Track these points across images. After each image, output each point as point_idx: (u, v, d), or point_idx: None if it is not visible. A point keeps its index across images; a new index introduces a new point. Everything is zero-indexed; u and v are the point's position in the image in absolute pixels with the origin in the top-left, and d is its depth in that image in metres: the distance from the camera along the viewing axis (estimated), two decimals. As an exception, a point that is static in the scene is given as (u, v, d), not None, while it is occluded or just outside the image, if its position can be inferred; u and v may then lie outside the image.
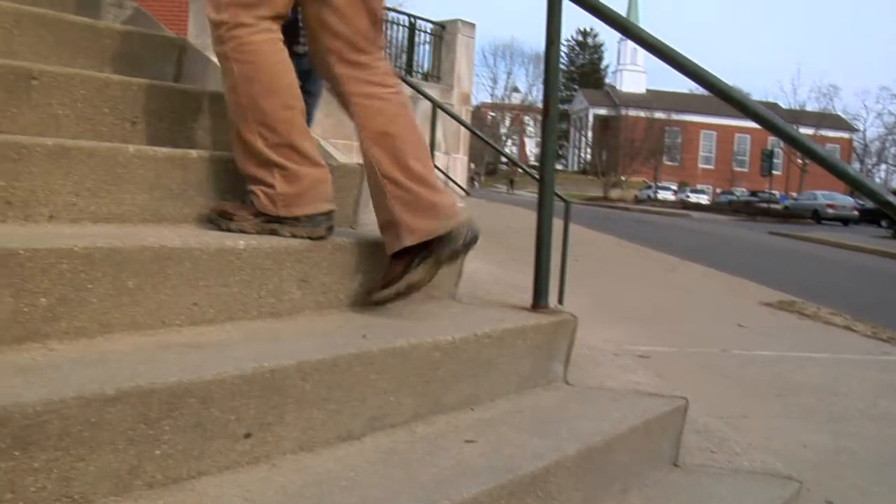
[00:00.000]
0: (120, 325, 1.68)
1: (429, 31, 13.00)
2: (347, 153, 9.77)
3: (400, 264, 2.13)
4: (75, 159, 1.93)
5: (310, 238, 2.08)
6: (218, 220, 2.12)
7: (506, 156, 13.22)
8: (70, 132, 2.26)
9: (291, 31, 9.09)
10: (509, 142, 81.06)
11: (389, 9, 14.92)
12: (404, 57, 13.13)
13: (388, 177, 2.13)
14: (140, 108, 2.43)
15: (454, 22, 12.90)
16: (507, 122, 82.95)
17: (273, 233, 2.07)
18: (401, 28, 13.10)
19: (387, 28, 13.52)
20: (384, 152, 2.14)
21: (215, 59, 2.23)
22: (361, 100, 2.20)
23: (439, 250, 2.11)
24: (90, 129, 2.32)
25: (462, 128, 11.49)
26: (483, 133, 15.02)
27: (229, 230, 2.07)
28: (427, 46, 13.07)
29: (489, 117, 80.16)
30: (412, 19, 13.08)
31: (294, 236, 2.06)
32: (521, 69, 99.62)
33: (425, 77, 12.98)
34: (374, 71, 2.22)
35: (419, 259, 2.11)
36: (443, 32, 12.86)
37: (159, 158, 2.07)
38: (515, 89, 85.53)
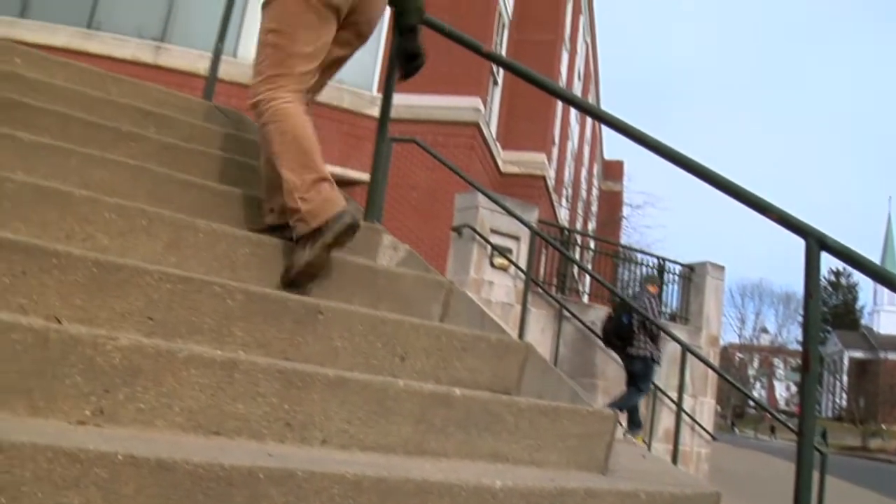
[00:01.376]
0: (380, 552, 1.75)
1: (677, 272, 13.01)
2: (591, 391, 9.77)
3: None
4: (351, 390, 2.10)
5: (342, 235, 2.72)
6: (288, 282, 2.77)
7: (754, 401, 12.75)
8: (346, 363, 2.45)
9: (626, 334, 9.71)
10: (758, 384, 77.53)
11: (638, 250, 15.15)
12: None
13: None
14: (409, 345, 2.61)
15: (703, 264, 12.85)
16: (756, 364, 79.62)
17: (325, 247, 2.71)
18: (649, 269, 13.21)
19: (635, 268, 13.68)
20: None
21: (477, 301, 2.45)
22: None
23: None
24: (363, 361, 2.51)
25: (710, 370, 11.19)
26: (730, 375, 14.51)
27: (297, 279, 2.76)
28: (675, 287, 13.03)
29: (737, 359, 77.41)
30: (661, 261, 13.18)
31: (335, 241, 2.71)
32: (770, 309, 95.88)
33: (673, 318, 12.87)
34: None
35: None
36: (692, 274, 12.82)
37: (425, 394, 2.21)
38: (764, 330, 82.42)
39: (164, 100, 4.04)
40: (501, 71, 18.28)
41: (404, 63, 3.47)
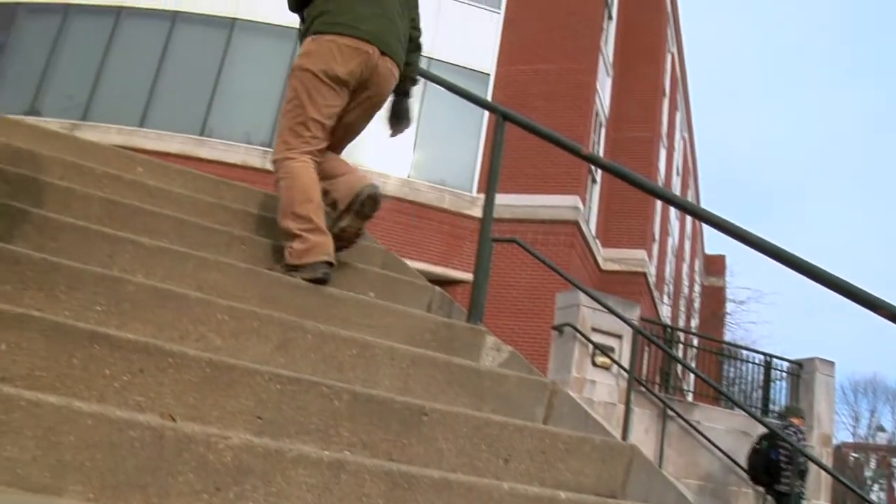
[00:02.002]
0: None
1: (785, 369, 12.61)
2: (698, 494, 9.44)
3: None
4: (455, 492, 2.09)
5: (311, 280, 3.20)
6: (273, 270, 3.30)
7: (870, 503, 12.14)
8: (450, 465, 2.45)
9: (775, 469, 9.30)
10: (875, 486, 73.43)
11: (743, 347, 14.77)
12: (759, 394, 12.79)
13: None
14: (513, 447, 2.59)
15: (812, 360, 12.41)
16: (872, 465, 75.47)
17: (291, 275, 3.23)
18: (755, 366, 12.87)
19: (740, 365, 13.32)
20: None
21: (579, 400, 2.44)
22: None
23: (354, 203, 3.42)
24: (467, 462, 2.50)
25: (823, 472, 10.72)
26: (845, 476, 13.84)
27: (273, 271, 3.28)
28: (783, 384, 12.62)
29: (851, 459, 73.54)
30: (767, 357, 12.82)
31: (302, 278, 3.20)
32: (886, 406, 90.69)
33: (782, 417, 12.44)
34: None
35: (345, 212, 3.45)
36: (800, 371, 12.40)
37: (530, 497, 2.19)
38: (880, 428, 77.90)
39: (273, 204, 4.19)
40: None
41: (393, 122, 3.95)
